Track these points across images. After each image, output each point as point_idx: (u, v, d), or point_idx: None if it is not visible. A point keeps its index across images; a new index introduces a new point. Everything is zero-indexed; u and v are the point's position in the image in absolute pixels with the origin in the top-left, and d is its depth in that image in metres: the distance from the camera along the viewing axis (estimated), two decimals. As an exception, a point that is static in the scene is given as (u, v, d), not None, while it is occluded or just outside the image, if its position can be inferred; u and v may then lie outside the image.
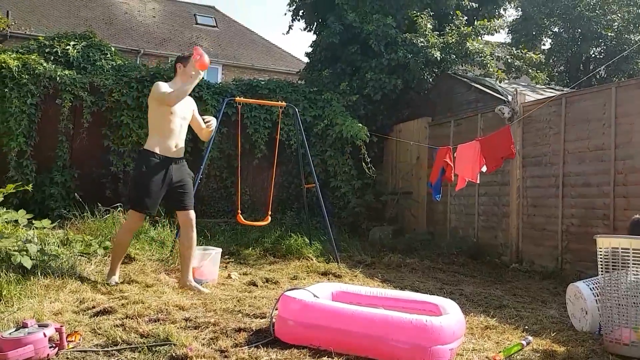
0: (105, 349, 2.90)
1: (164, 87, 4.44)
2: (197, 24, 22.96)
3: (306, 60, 12.24)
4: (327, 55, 10.76)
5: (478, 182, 7.03)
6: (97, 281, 4.47)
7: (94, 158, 8.36)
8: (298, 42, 53.09)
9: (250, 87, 9.37)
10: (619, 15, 14.07)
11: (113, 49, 9.44)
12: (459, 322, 3.08)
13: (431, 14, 9.73)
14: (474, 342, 3.37)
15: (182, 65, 4.57)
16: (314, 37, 11.87)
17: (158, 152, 4.41)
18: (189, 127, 4.74)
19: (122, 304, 3.75)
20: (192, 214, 4.59)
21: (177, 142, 4.53)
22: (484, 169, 6.89)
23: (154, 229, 6.33)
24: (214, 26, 23.30)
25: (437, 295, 4.20)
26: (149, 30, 21.16)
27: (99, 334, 3.12)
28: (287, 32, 16.52)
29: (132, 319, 3.38)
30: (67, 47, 8.77)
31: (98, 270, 4.85)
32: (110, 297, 4.02)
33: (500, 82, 8.42)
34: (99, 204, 6.66)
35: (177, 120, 4.50)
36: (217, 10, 24.85)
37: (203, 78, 5.11)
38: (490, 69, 9.67)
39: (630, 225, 3.97)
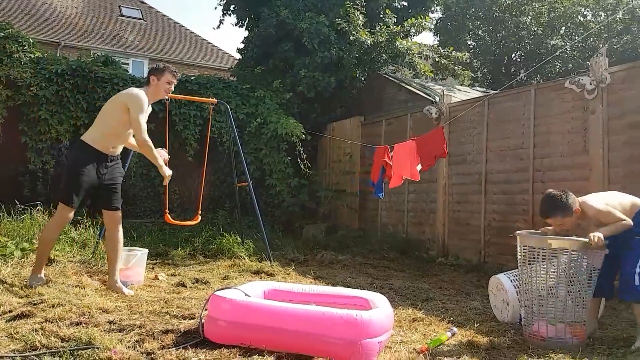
0: (23, 354, 2.74)
1: (144, 106, 4.22)
2: (121, 15, 22.13)
3: (238, 56, 12.09)
4: (260, 52, 10.67)
5: (419, 179, 7.22)
6: (14, 284, 4.20)
7: (10, 155, 7.88)
8: (230, 38, 52.51)
9: (179, 83, 9.04)
10: (531, 14, 14.92)
11: (32, 40, 8.90)
12: (387, 316, 3.14)
13: (364, 12, 9.88)
14: (402, 334, 3.45)
15: (156, 79, 4.40)
16: (245, 34, 11.76)
17: (94, 147, 4.25)
18: None
19: (41, 308, 3.55)
20: (119, 214, 4.46)
21: (118, 144, 4.41)
22: (419, 167, 7.08)
23: (75, 230, 6.04)
24: (140, 18, 22.53)
25: (367, 290, 4.27)
26: (70, 22, 20.20)
27: (16, 339, 2.94)
28: (218, 27, 16.31)
29: (52, 322, 3.21)
30: (-19, 37, 8.20)
31: (15, 273, 4.56)
32: (28, 300, 3.79)
33: (426, 78, 8.66)
34: (17, 203, 6.29)
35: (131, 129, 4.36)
36: (143, 2, 23.98)
37: (127, 71, 4.93)
38: (419, 67, 9.93)
39: (541, 200, 3.56)
